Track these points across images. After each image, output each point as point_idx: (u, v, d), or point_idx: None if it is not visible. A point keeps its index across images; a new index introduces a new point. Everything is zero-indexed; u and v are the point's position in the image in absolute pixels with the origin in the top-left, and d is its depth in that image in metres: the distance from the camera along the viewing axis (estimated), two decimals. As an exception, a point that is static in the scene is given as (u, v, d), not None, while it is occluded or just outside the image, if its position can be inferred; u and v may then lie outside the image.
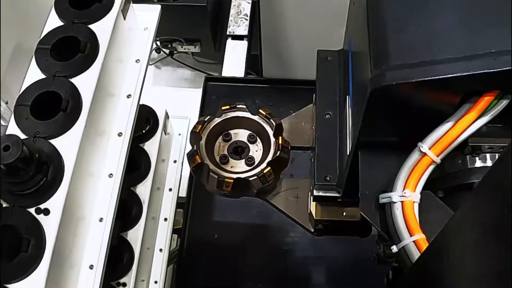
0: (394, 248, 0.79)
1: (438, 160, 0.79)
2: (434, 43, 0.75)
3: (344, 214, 1.04)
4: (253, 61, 1.89)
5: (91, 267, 1.04)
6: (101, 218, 1.07)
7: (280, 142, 1.06)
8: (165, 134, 1.52)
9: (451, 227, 0.60)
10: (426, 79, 0.72)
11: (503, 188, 0.44)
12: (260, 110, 1.11)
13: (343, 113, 1.04)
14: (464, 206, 0.55)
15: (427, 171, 0.80)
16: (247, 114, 1.11)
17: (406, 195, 0.79)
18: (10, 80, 1.41)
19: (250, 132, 1.11)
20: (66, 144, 0.99)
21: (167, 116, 1.53)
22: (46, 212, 0.94)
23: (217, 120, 1.10)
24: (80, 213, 1.05)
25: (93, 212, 1.08)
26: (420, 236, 0.77)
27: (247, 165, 1.07)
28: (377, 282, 1.02)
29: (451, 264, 0.57)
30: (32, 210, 0.94)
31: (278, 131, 1.08)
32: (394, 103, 0.77)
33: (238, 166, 1.08)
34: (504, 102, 0.75)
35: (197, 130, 1.07)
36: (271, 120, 1.09)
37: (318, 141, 1.05)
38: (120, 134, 1.14)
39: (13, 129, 1.01)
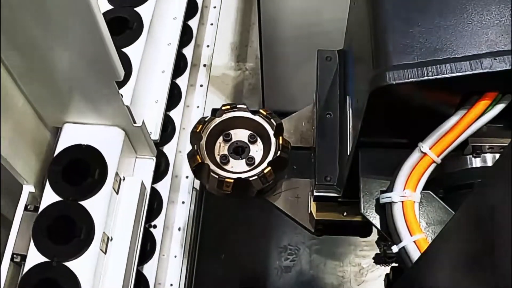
0: (395, 248, 0.79)
1: (438, 160, 0.79)
2: (434, 43, 0.75)
3: (345, 214, 1.04)
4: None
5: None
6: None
7: (280, 142, 1.06)
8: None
9: (451, 227, 0.60)
10: (426, 79, 0.72)
11: (503, 188, 0.44)
12: (261, 110, 1.11)
13: (343, 113, 1.04)
14: (464, 206, 0.55)
15: (427, 171, 0.80)
16: (247, 114, 1.11)
17: (406, 195, 0.79)
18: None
19: (251, 132, 1.11)
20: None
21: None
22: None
23: (217, 120, 1.10)
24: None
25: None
26: (420, 236, 0.77)
27: (248, 165, 1.07)
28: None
29: (451, 264, 0.57)
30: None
31: (278, 131, 1.08)
32: (394, 103, 0.77)
33: (239, 166, 1.08)
34: (504, 103, 0.76)
35: (198, 130, 1.07)
36: (271, 120, 1.09)
37: (318, 141, 1.05)
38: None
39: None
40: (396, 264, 1.10)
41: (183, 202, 1.50)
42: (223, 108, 1.11)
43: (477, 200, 0.51)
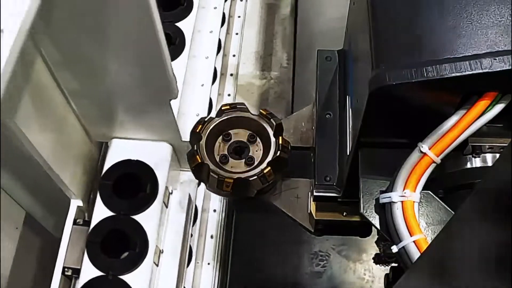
0: (394, 248, 0.79)
1: (438, 160, 0.79)
2: (434, 43, 0.75)
3: (344, 214, 1.04)
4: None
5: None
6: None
7: (280, 142, 1.06)
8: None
9: (451, 227, 0.60)
10: (426, 79, 0.72)
11: (503, 189, 0.44)
12: (260, 110, 1.11)
13: (343, 113, 1.04)
14: (464, 206, 0.55)
15: (427, 171, 0.80)
16: (247, 114, 1.11)
17: (406, 195, 0.79)
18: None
19: (250, 132, 1.11)
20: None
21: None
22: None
23: (217, 120, 1.10)
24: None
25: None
26: (420, 236, 0.77)
27: (247, 165, 1.07)
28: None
29: (451, 264, 0.57)
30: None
31: (278, 131, 1.08)
32: (394, 103, 0.77)
33: (238, 166, 1.08)
34: (503, 103, 0.76)
35: (197, 130, 1.07)
36: (271, 120, 1.09)
37: (318, 141, 1.05)
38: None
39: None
40: (396, 264, 1.10)
41: (214, 210, 1.54)
42: (222, 108, 1.11)
43: (479, 197, 0.51)
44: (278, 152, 1.05)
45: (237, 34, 1.87)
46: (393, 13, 0.79)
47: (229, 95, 1.75)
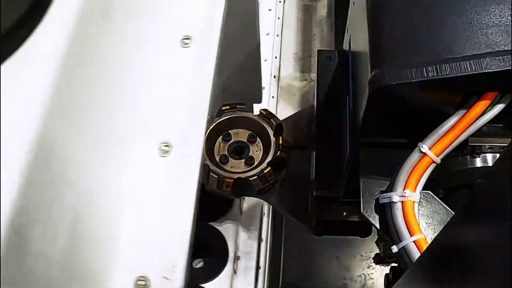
0: (394, 248, 0.79)
1: (438, 160, 0.79)
2: (434, 43, 0.75)
3: (344, 214, 1.04)
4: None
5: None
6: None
7: (280, 142, 1.06)
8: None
9: (451, 227, 0.60)
10: (426, 79, 0.72)
11: (503, 189, 0.44)
12: (260, 110, 1.11)
13: (343, 113, 1.04)
14: (464, 206, 0.55)
15: (427, 171, 0.80)
16: (247, 114, 1.11)
17: (406, 195, 0.79)
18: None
19: (250, 132, 1.11)
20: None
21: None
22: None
23: (217, 120, 1.10)
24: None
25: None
26: (420, 236, 0.77)
27: (247, 165, 1.07)
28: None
29: (450, 265, 0.57)
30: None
31: (278, 131, 1.08)
32: (394, 103, 0.77)
33: (238, 166, 1.08)
34: (503, 103, 0.75)
35: (197, 130, 1.07)
36: (271, 120, 1.09)
37: (318, 141, 1.05)
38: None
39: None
40: (396, 264, 1.10)
41: (263, 214, 1.55)
42: (222, 108, 1.11)
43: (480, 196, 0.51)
44: (278, 152, 1.05)
45: (277, 35, 1.86)
46: (393, 13, 0.79)
47: (272, 97, 1.74)
